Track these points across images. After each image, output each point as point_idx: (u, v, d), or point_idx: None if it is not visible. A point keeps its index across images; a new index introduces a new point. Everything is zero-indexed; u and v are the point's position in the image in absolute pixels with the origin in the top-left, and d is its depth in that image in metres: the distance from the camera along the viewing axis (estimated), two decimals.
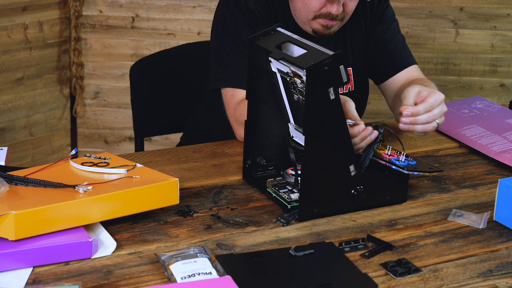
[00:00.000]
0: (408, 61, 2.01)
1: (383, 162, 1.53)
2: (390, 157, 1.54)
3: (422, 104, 1.61)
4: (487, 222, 1.49)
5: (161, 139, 3.57)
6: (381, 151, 1.56)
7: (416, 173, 1.50)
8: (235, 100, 1.85)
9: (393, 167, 1.51)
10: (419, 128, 1.61)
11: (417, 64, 2.03)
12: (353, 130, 1.51)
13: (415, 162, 1.53)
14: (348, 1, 1.84)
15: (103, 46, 3.52)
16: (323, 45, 1.94)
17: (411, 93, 1.63)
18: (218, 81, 1.91)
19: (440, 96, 1.63)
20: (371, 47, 2.01)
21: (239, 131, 1.84)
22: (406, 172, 1.50)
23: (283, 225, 1.44)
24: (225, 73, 1.89)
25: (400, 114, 1.58)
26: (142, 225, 1.42)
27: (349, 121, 1.51)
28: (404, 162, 1.52)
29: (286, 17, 1.92)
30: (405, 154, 1.54)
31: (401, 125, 1.60)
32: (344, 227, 1.45)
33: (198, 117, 2.20)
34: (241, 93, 1.82)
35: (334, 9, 1.82)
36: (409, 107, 1.60)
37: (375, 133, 1.54)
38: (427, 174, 1.55)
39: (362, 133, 1.53)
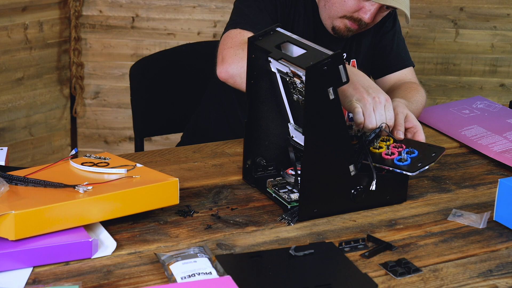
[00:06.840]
0: (405, 63, 2.07)
1: (387, 167, 1.51)
2: (392, 156, 1.53)
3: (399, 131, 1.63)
4: (487, 222, 1.49)
5: (161, 139, 3.58)
6: (381, 150, 1.55)
7: (421, 170, 1.49)
8: (243, 37, 1.75)
9: (398, 170, 1.50)
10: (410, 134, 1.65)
11: (414, 65, 2.09)
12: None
13: (416, 153, 1.52)
14: (378, 15, 1.84)
15: (103, 46, 3.52)
16: (336, 41, 1.96)
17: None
18: (225, 30, 1.83)
19: (403, 111, 1.66)
20: (376, 45, 2.05)
21: (238, 68, 1.71)
22: (411, 174, 1.49)
23: (288, 223, 1.44)
24: (236, 20, 1.82)
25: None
26: (142, 225, 1.42)
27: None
28: (407, 160, 1.51)
29: (307, 7, 1.91)
30: (403, 146, 1.54)
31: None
32: (344, 227, 1.45)
33: (200, 115, 2.20)
34: (251, 35, 1.69)
35: (367, 16, 1.82)
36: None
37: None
38: (432, 164, 1.53)
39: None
